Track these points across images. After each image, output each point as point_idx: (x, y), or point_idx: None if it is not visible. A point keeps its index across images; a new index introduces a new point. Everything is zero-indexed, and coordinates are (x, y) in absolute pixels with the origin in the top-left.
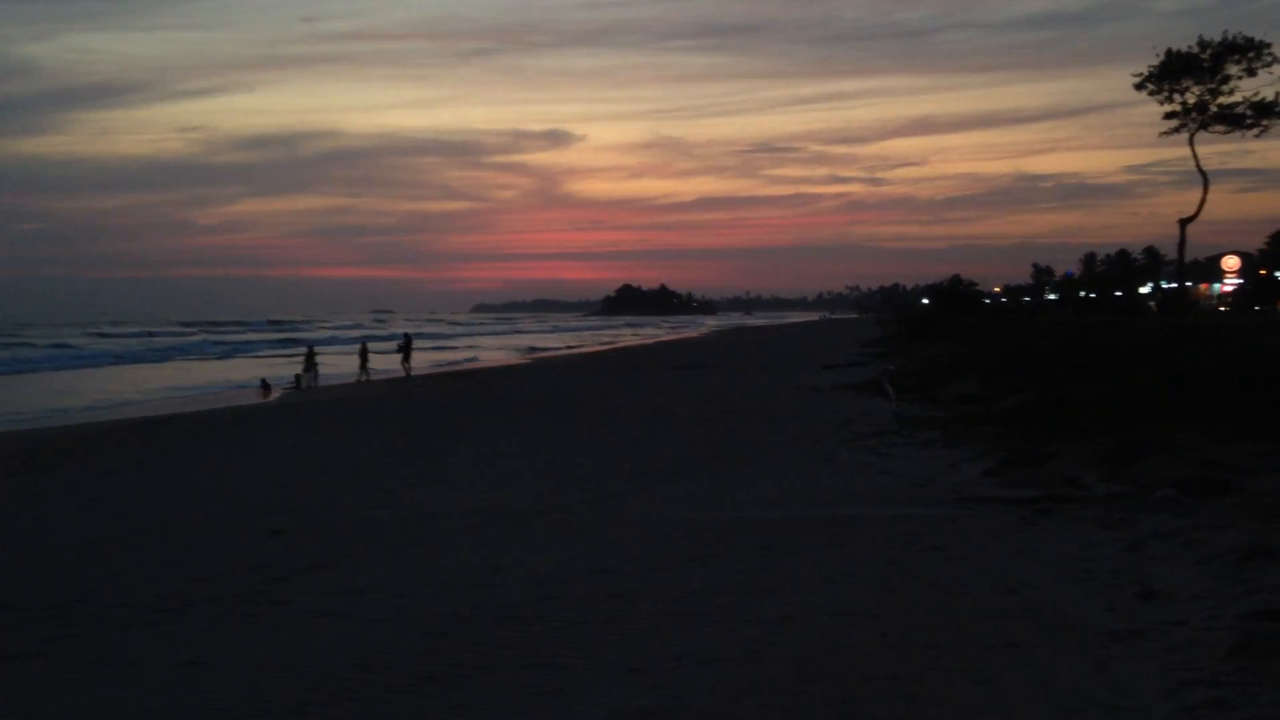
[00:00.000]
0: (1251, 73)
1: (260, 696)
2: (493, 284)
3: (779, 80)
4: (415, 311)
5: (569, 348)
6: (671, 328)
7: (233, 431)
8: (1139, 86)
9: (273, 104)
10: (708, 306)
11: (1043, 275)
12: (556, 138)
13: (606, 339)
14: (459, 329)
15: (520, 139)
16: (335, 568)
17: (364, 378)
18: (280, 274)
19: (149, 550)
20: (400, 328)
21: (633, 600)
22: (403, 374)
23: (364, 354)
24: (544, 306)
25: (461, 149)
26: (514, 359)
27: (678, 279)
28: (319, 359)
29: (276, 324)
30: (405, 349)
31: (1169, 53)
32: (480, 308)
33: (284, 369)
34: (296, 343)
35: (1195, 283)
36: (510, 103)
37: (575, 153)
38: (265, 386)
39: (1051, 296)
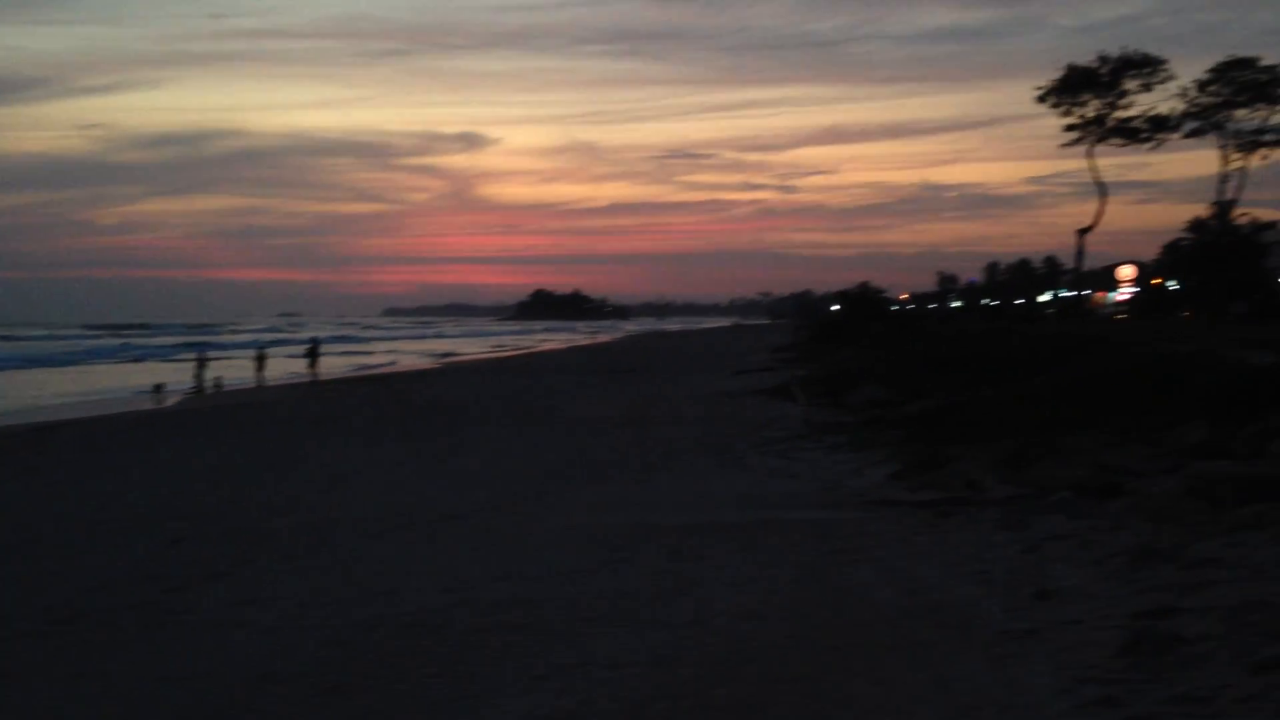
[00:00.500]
0: (1148, 88)
1: (157, 710)
2: (404, 287)
3: (693, 87)
4: (325, 315)
5: (481, 353)
6: (585, 333)
7: (130, 438)
8: (1040, 100)
9: (177, 101)
10: (622, 312)
11: (947, 283)
12: (470, 140)
13: (520, 344)
14: (374, 332)
15: (433, 141)
16: (235, 577)
17: (261, 383)
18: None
19: (39, 560)
20: (316, 330)
21: (540, 606)
22: (310, 379)
23: (260, 359)
24: (457, 311)
25: (373, 150)
26: (425, 364)
27: (592, 284)
28: (211, 364)
29: (197, 327)
30: (313, 353)
31: (1069, 68)
32: (391, 311)
33: (214, 371)
34: (212, 346)
35: (1092, 291)
36: (423, 105)
37: (489, 156)
38: (158, 391)
39: (956, 304)
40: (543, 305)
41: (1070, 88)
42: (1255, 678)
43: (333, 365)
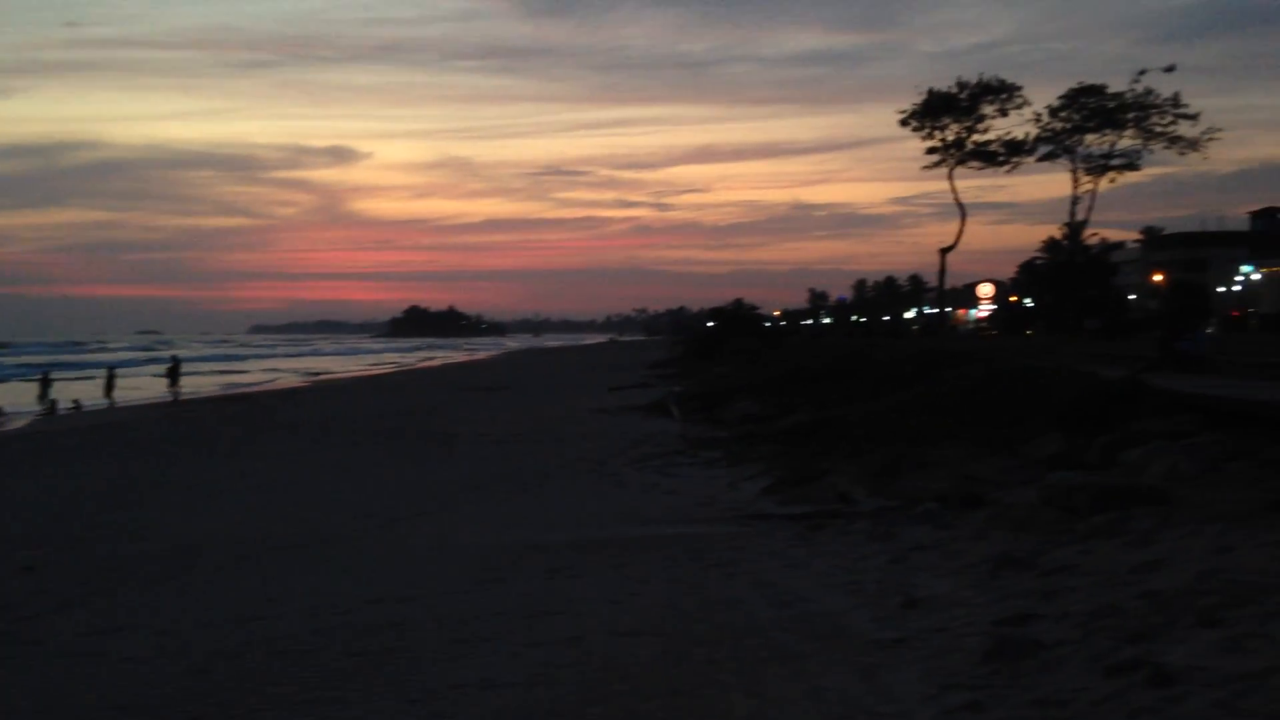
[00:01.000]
0: (1004, 113)
1: None
2: (273, 304)
3: (568, 104)
4: (189, 332)
5: (355, 370)
6: (460, 350)
7: None
8: (903, 123)
9: (30, 112)
10: (497, 328)
11: (818, 300)
12: (340, 154)
13: (393, 361)
14: (245, 350)
15: (301, 155)
16: (90, 605)
17: (111, 404)
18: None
19: None
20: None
21: (414, 629)
22: (171, 398)
23: (110, 379)
24: (328, 328)
25: (238, 163)
26: (296, 381)
27: (467, 300)
28: (54, 384)
29: (78, 345)
30: (174, 372)
31: (930, 92)
32: (259, 328)
33: (69, 391)
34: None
35: (954, 308)
36: (291, 117)
37: (360, 170)
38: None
39: (826, 320)
40: (417, 322)
41: (931, 112)
42: (1108, 681)
43: (201, 384)
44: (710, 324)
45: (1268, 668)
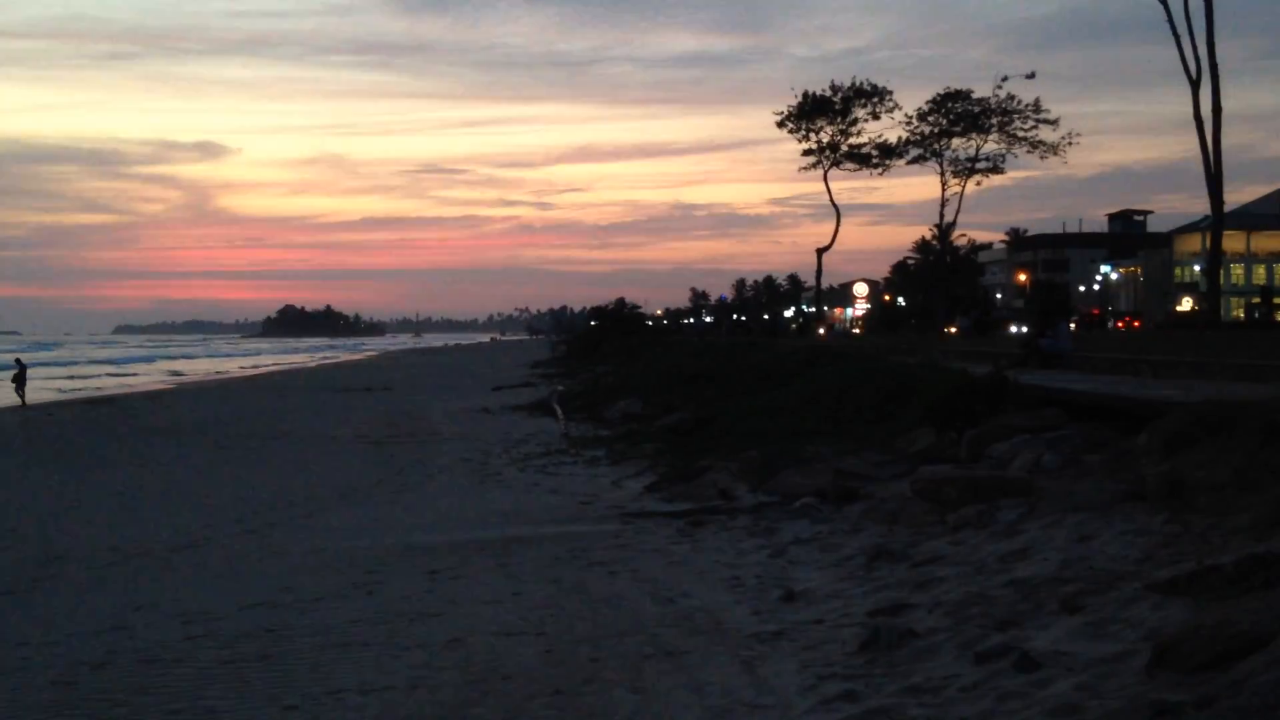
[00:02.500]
0: (876, 116)
1: None
2: (139, 303)
3: (446, 102)
4: (48, 333)
5: (226, 371)
6: (338, 350)
7: None
8: (780, 124)
9: None
10: (376, 328)
11: (700, 299)
12: (208, 150)
13: (267, 362)
14: (105, 352)
15: (168, 149)
16: None
17: None
18: None
19: None
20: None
21: (289, 634)
22: (18, 403)
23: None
24: (198, 328)
25: (102, 158)
26: (161, 384)
27: (344, 300)
28: None
29: None
30: (20, 377)
31: (805, 95)
32: (125, 329)
33: None
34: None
35: (831, 307)
36: (156, 111)
37: (230, 166)
38: None
39: (708, 319)
40: (292, 322)
41: (806, 114)
42: (978, 667)
43: (54, 387)
44: (593, 323)
45: (1126, 651)
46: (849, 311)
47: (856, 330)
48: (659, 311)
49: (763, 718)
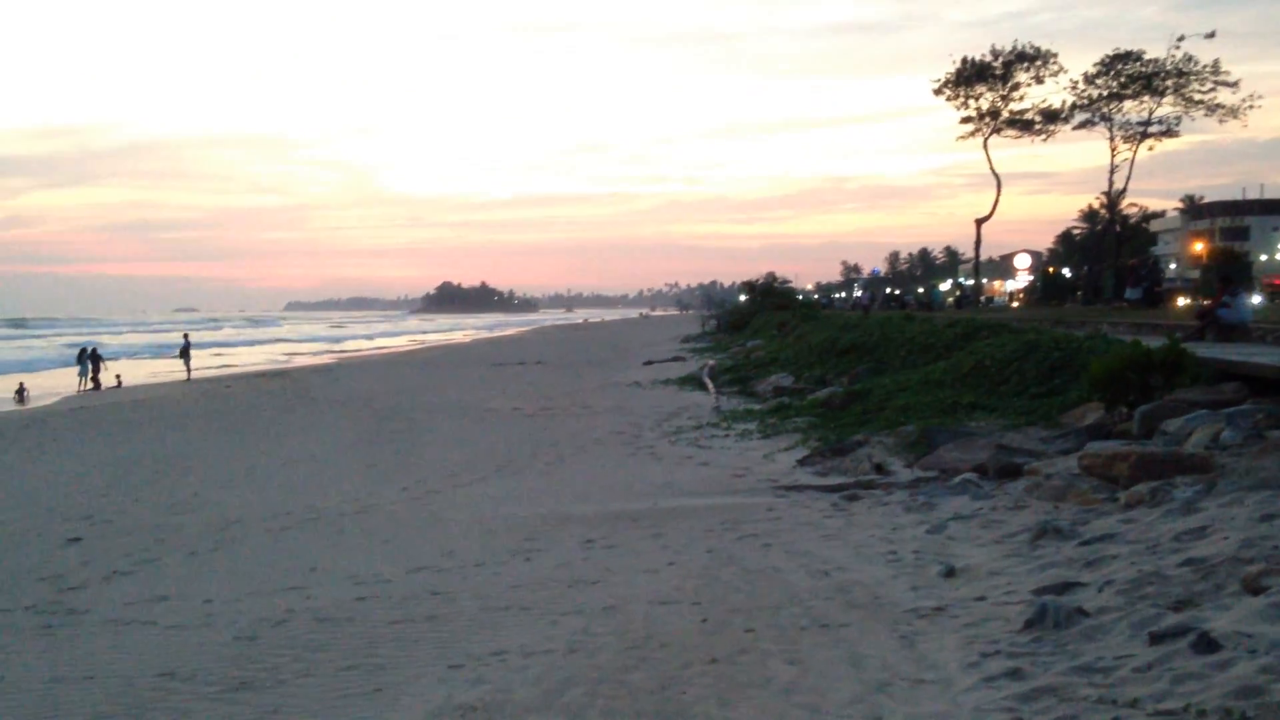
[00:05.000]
0: (1039, 80)
1: (57, 710)
2: (306, 280)
3: (595, 79)
4: (223, 309)
5: (387, 346)
6: (493, 325)
7: (20, 437)
8: (937, 92)
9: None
10: (529, 304)
11: (851, 273)
12: (368, 132)
13: (427, 337)
14: (276, 329)
15: (330, 133)
16: (136, 575)
17: (86, 386)
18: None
19: None
20: (234, 326)
21: (453, 597)
22: (185, 377)
23: (94, 358)
24: (361, 304)
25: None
26: (329, 357)
27: (499, 276)
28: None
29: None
30: (185, 351)
31: (964, 60)
32: (294, 305)
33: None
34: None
35: (991, 279)
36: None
37: (388, 148)
38: (20, 393)
39: (860, 293)
40: (449, 298)
41: (965, 80)
42: (1153, 648)
43: (240, 359)
44: (742, 298)
45: None
46: (1009, 284)
47: (1017, 303)
48: (809, 286)
49: (924, 693)
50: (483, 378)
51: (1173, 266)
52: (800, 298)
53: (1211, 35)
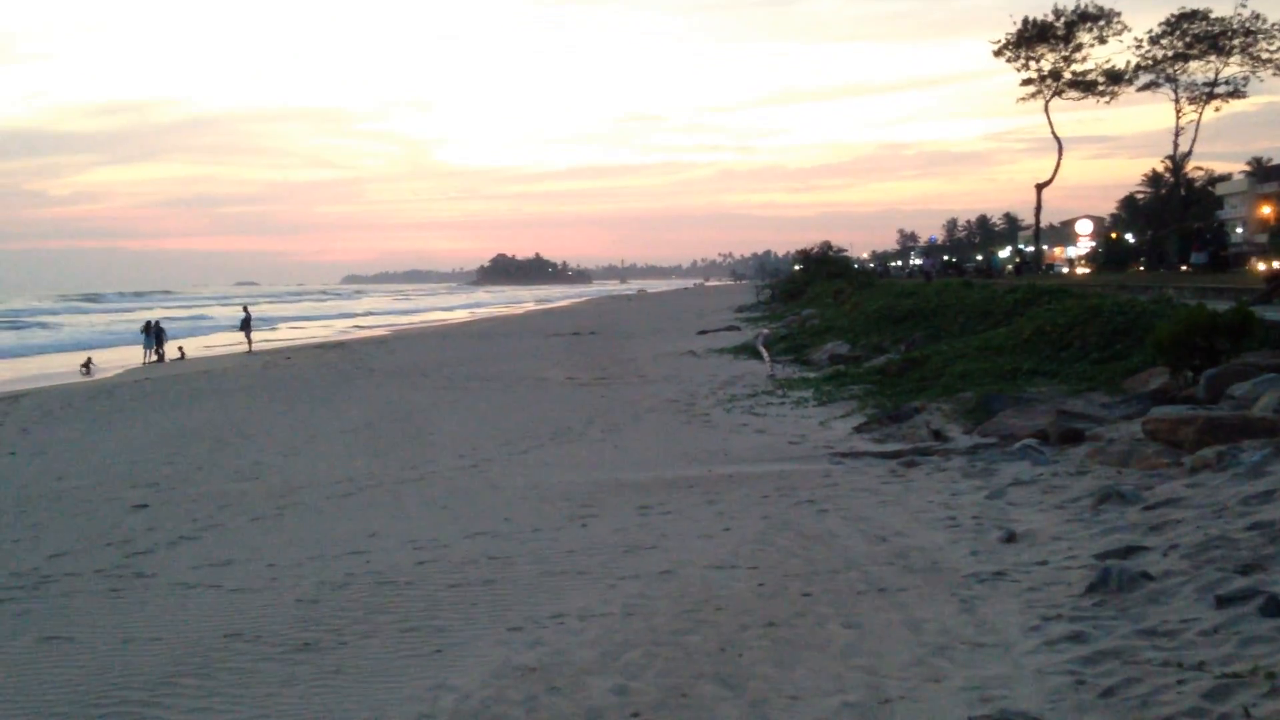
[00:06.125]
0: (1102, 41)
1: (127, 670)
2: (363, 254)
3: (646, 48)
4: (282, 282)
5: (443, 318)
6: (548, 297)
7: (89, 407)
8: (997, 54)
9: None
10: (583, 275)
11: (908, 240)
12: (423, 105)
13: (481, 310)
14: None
15: (386, 106)
16: (202, 540)
17: (151, 359)
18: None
19: (2, 529)
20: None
21: (511, 562)
22: (246, 349)
23: (158, 332)
24: (418, 277)
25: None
26: (387, 330)
27: (552, 248)
28: (165, 336)
29: (167, 295)
30: (246, 323)
31: (1025, 21)
32: (351, 278)
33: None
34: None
35: (1051, 246)
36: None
37: (443, 121)
38: (88, 366)
39: (917, 261)
40: (504, 270)
41: (1026, 41)
42: (1219, 611)
43: (295, 334)
44: (797, 267)
45: None
46: (1070, 250)
47: (1079, 270)
48: (865, 254)
49: (984, 656)
50: (537, 349)
51: (1239, 230)
52: (856, 266)
53: None
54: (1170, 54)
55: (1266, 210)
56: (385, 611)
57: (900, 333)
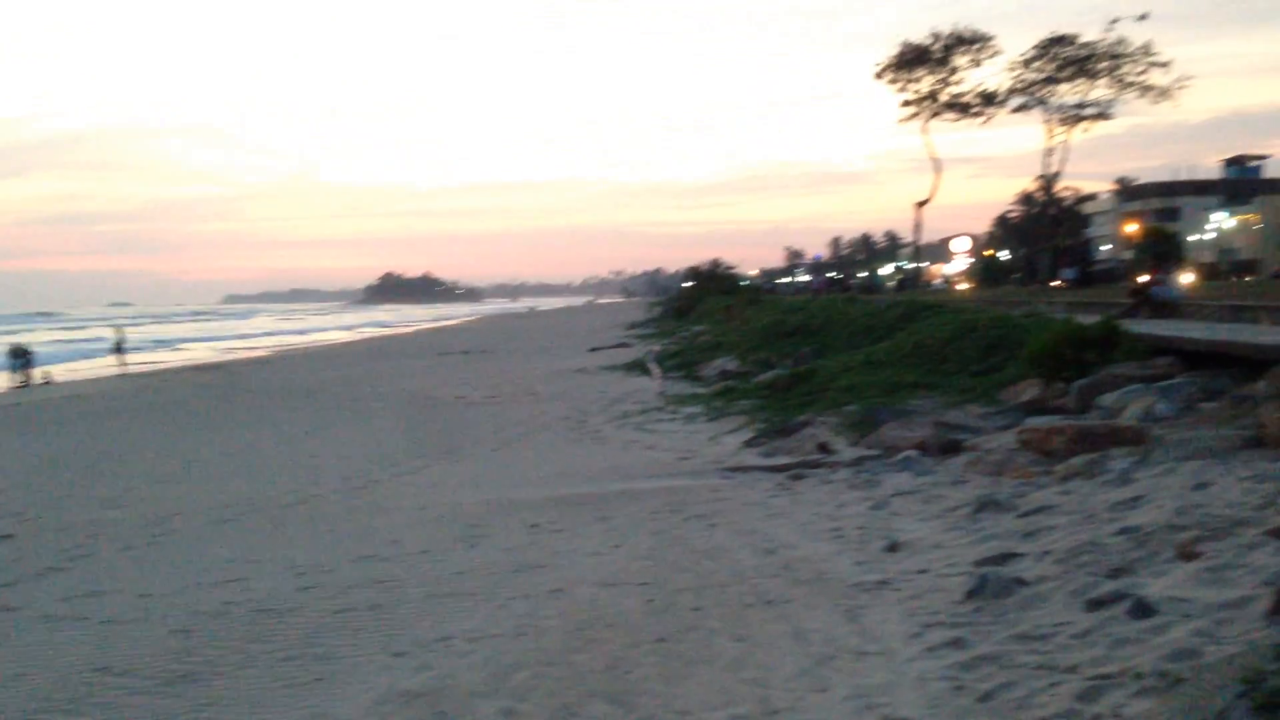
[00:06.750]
0: (977, 64)
1: None
2: (245, 273)
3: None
4: (159, 303)
5: (329, 338)
6: (437, 315)
7: None
8: (878, 76)
9: None
10: (473, 293)
11: (795, 258)
12: (310, 121)
13: (367, 328)
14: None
15: (269, 121)
16: (70, 571)
17: (17, 383)
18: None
19: None
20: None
21: (397, 585)
22: (119, 372)
23: (25, 356)
24: (302, 296)
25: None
26: (268, 349)
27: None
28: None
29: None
30: (119, 346)
31: (905, 44)
32: (232, 298)
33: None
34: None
35: (931, 263)
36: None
37: (331, 137)
38: None
39: (804, 278)
40: (392, 289)
41: (906, 64)
42: (1090, 614)
43: (173, 355)
44: (687, 284)
45: (1245, 596)
46: (947, 267)
47: (956, 285)
48: (754, 271)
49: (868, 664)
50: (426, 368)
51: (1107, 248)
52: (745, 283)
53: (1144, 17)
54: (1041, 77)
55: (1131, 228)
56: (264, 640)
57: (788, 348)
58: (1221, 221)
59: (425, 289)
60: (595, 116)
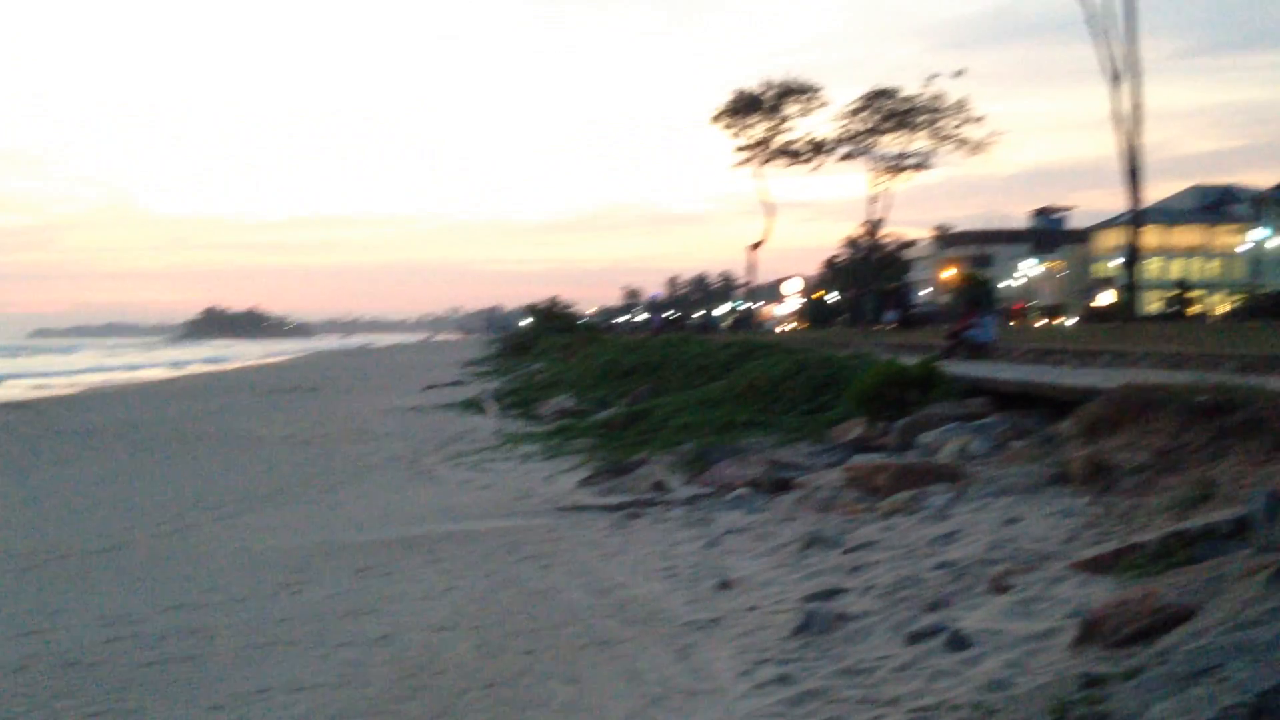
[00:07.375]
0: (807, 113)
1: None
2: (56, 306)
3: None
4: None
5: (145, 375)
6: (263, 352)
7: None
8: (714, 121)
9: None
10: (303, 329)
11: (632, 297)
12: (130, 149)
13: (189, 365)
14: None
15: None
16: None
17: None
18: None
19: None
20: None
21: (214, 635)
22: None
23: None
24: (117, 331)
25: (16, 157)
26: (79, 387)
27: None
28: None
29: None
30: None
31: (738, 92)
32: (41, 333)
33: None
34: None
35: (764, 303)
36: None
37: (152, 166)
38: None
39: (642, 316)
40: (215, 324)
41: (739, 111)
42: (910, 647)
43: None
44: (524, 322)
45: (1053, 628)
46: (779, 308)
47: (788, 326)
48: (592, 309)
49: (699, 703)
50: (251, 406)
51: (926, 292)
52: (583, 321)
53: (959, 74)
54: (866, 128)
55: (948, 273)
56: (69, 696)
57: (625, 386)
58: (1030, 269)
59: (251, 324)
60: (433, 152)
